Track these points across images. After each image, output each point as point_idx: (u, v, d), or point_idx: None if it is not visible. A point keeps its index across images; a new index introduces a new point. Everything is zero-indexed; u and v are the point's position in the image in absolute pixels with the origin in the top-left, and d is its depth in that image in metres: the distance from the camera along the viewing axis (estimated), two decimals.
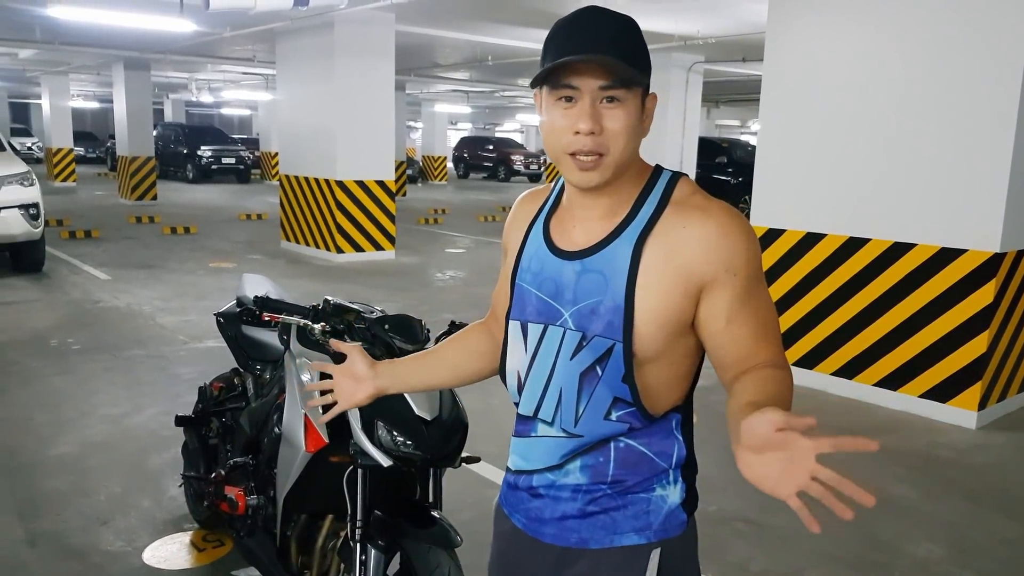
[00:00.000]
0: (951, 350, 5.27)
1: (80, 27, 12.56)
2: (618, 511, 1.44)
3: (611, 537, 1.44)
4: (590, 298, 1.39)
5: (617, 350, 1.37)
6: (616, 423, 1.40)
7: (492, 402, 5.31)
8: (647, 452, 1.44)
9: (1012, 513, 4.09)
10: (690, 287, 1.35)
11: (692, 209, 1.38)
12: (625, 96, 1.34)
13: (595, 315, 1.38)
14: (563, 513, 1.47)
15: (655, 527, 1.45)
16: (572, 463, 1.45)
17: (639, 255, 1.37)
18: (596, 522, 1.45)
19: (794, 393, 1.42)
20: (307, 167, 11.83)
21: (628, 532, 1.44)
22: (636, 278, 1.36)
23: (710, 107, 26.93)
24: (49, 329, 7.09)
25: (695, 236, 1.35)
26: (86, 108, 37.49)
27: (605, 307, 1.38)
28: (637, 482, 1.44)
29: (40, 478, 4.16)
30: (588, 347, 1.39)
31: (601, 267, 1.39)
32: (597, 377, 1.39)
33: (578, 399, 1.41)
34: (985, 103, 4.99)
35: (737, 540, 3.74)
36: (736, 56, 14.00)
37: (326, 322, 2.34)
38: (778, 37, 6.08)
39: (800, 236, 6.01)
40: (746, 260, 1.36)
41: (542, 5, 10.38)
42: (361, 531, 2.29)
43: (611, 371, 1.38)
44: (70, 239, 12.48)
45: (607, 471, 1.43)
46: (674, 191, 1.42)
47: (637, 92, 1.36)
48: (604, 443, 1.42)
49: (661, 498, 1.45)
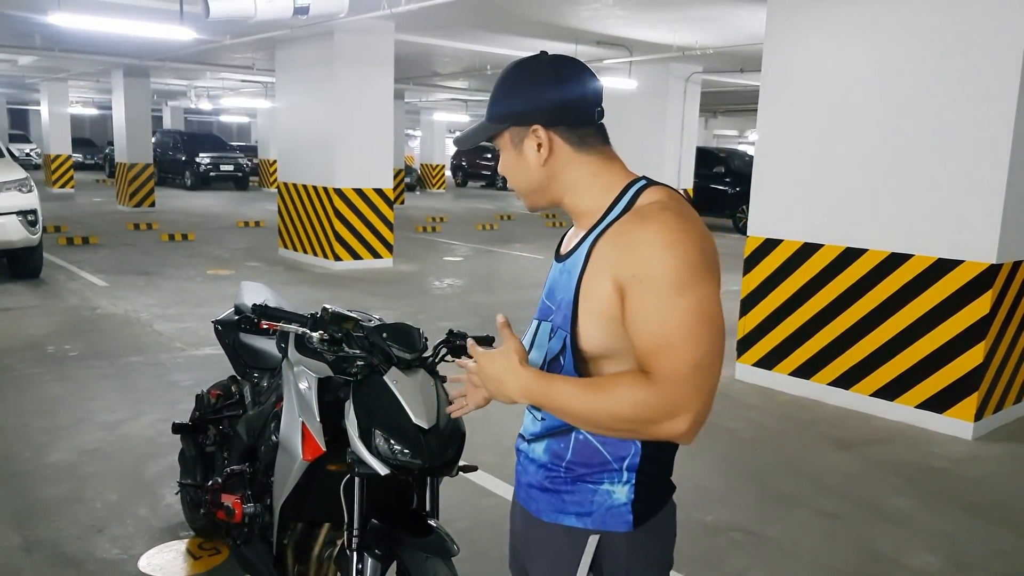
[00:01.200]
0: (948, 361, 5.27)
1: (80, 34, 12.59)
2: (567, 494, 1.58)
3: (557, 515, 1.59)
4: (560, 294, 1.56)
5: (568, 342, 1.52)
6: None
7: (490, 411, 5.30)
8: (602, 449, 1.54)
9: (1009, 524, 4.10)
10: (615, 287, 1.45)
11: (636, 216, 1.47)
12: (499, 143, 1.60)
13: (559, 310, 1.55)
14: (529, 482, 1.66)
15: (595, 516, 1.56)
16: (540, 443, 1.63)
17: (590, 255, 1.50)
18: (549, 498, 1.60)
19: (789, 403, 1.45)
20: (305, 175, 11.84)
21: (570, 514, 1.58)
22: (583, 277, 1.50)
23: (708, 117, 27.04)
24: (46, 336, 7.09)
25: (623, 241, 1.46)
26: (85, 115, 37.50)
27: (564, 302, 1.53)
28: (587, 472, 1.56)
29: (36, 485, 4.16)
30: (554, 338, 1.56)
31: (569, 267, 1.55)
32: (560, 367, 1.54)
33: None
34: (981, 114, 5.01)
35: (734, 550, 3.74)
36: (734, 66, 14.05)
37: (324, 330, 2.34)
38: (776, 48, 6.11)
39: (797, 246, 6.02)
40: (658, 269, 1.40)
41: (541, 15, 10.42)
42: (358, 540, 2.29)
43: (567, 362, 1.53)
44: (68, 245, 12.48)
45: (564, 456, 1.58)
46: (639, 198, 1.51)
47: (503, 137, 1.59)
48: (567, 432, 1.57)
49: (607, 492, 1.55)
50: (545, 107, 1.53)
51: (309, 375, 2.50)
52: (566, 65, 1.55)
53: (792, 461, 4.85)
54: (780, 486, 4.48)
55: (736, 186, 17.97)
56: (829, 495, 4.37)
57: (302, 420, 2.48)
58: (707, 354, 1.40)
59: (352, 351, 2.32)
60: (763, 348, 6.28)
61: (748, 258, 6.37)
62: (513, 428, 1.62)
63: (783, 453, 4.98)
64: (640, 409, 1.39)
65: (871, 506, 4.25)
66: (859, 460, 4.90)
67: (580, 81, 1.55)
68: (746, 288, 6.42)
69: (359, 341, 2.34)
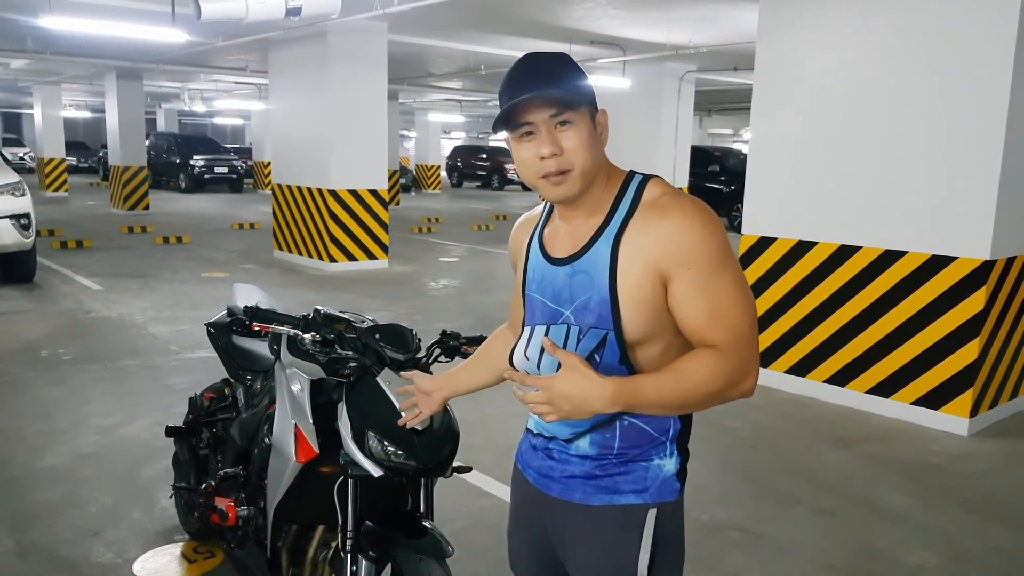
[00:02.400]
0: (943, 357, 5.28)
1: (72, 37, 12.55)
2: (620, 476, 1.64)
3: (611, 497, 1.64)
4: (582, 295, 1.60)
5: (610, 338, 1.57)
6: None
7: (486, 412, 5.30)
8: (647, 428, 1.63)
9: (1005, 520, 4.10)
10: (656, 277, 1.54)
11: (655, 209, 1.57)
12: (573, 117, 1.55)
13: (587, 310, 1.59)
14: (571, 474, 1.68)
15: (651, 490, 1.64)
16: (582, 439, 1.66)
17: (616, 253, 1.57)
18: (599, 483, 1.65)
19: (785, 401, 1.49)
20: (300, 176, 11.82)
21: (627, 493, 1.64)
22: (616, 274, 1.56)
23: (702, 116, 27.05)
24: (40, 339, 7.06)
25: (655, 234, 1.54)
26: (78, 118, 37.43)
27: (594, 302, 1.58)
28: (638, 453, 1.64)
29: (31, 489, 4.14)
30: (586, 338, 1.59)
31: (587, 268, 1.60)
32: (597, 363, 1.57)
33: None
34: (974, 111, 5.01)
35: (731, 549, 3.73)
36: (728, 65, 14.06)
37: (316, 332, 2.33)
38: (769, 46, 6.11)
39: (791, 244, 6.03)
40: (698, 253, 1.52)
41: (534, 15, 10.42)
42: (352, 542, 2.28)
43: (608, 356, 1.58)
44: (62, 249, 12.44)
45: (613, 444, 1.64)
46: (644, 192, 1.61)
47: (584, 111, 1.56)
48: (611, 421, 1.62)
49: (658, 467, 1.65)
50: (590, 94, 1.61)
51: (302, 377, 2.49)
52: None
53: (789, 459, 4.85)
54: (777, 484, 4.47)
55: (731, 185, 18.00)
56: (826, 493, 4.37)
57: (295, 422, 2.47)
58: (754, 315, 1.58)
59: (345, 352, 2.31)
60: (758, 346, 6.26)
61: (743, 256, 6.37)
62: (508, 428, 1.62)
63: (780, 451, 4.98)
64: (723, 378, 1.51)
65: (868, 503, 4.25)
66: (855, 457, 4.90)
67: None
68: None
69: (352, 342, 2.33)
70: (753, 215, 6.32)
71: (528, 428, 1.83)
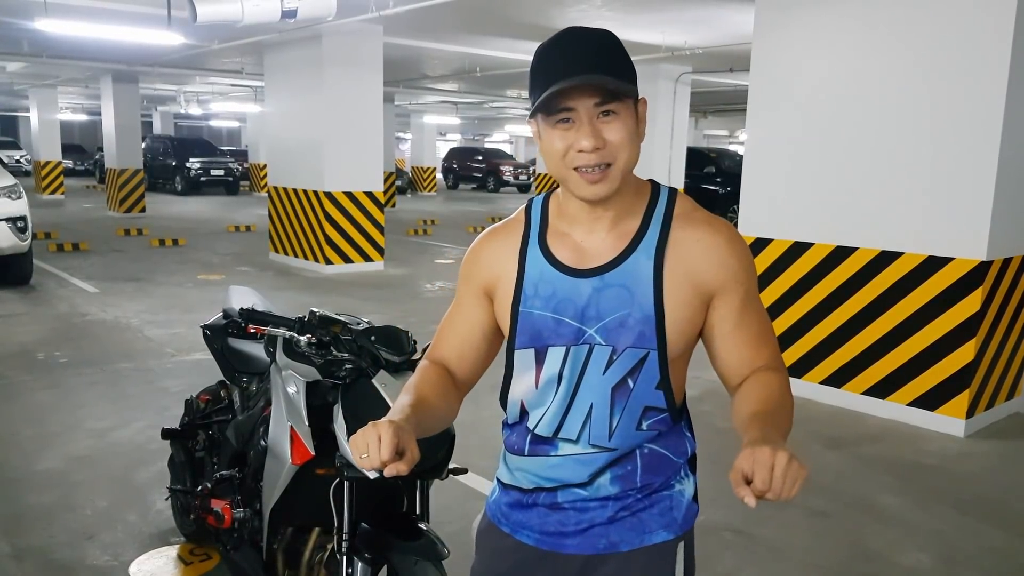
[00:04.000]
0: (939, 358, 5.29)
1: (68, 40, 12.53)
2: (645, 511, 1.51)
3: (641, 537, 1.51)
4: (616, 312, 1.43)
5: (651, 358, 1.44)
6: (647, 431, 1.48)
7: (481, 414, 5.29)
8: (668, 454, 1.52)
9: (1000, 522, 4.10)
10: (704, 295, 1.46)
11: (701, 223, 1.48)
12: (620, 108, 1.38)
13: (624, 328, 1.43)
14: (590, 522, 1.51)
15: (679, 521, 1.54)
16: (602, 476, 1.49)
17: (661, 267, 1.44)
18: (625, 525, 1.50)
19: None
20: (296, 178, 11.81)
21: (657, 530, 1.51)
22: (663, 289, 1.43)
23: (698, 117, 27.05)
24: (36, 342, 7.05)
25: (707, 249, 1.46)
26: (74, 121, 37.38)
27: (634, 319, 1.43)
28: (661, 482, 1.52)
29: (26, 493, 4.13)
30: (619, 360, 1.44)
31: (623, 281, 1.44)
32: (629, 389, 1.45)
33: (611, 413, 1.46)
34: (971, 112, 5.02)
35: (726, 551, 3.73)
36: (723, 67, 14.06)
37: (312, 334, 2.33)
38: (764, 48, 6.12)
39: (788, 245, 6.03)
40: (748, 272, 1.49)
41: (529, 17, 10.43)
42: (348, 544, 2.28)
43: (644, 380, 1.44)
44: (58, 252, 12.42)
45: (636, 478, 1.50)
46: (675, 206, 1.50)
47: (629, 102, 1.40)
48: (631, 453, 1.49)
49: (680, 492, 1.55)
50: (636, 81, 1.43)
51: (297, 379, 2.49)
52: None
53: None
54: None
55: (727, 186, 18.00)
56: (820, 494, 4.37)
57: (290, 424, 2.47)
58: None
59: (340, 355, 2.32)
60: None
61: None
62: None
63: None
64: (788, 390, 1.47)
65: (862, 504, 4.25)
66: (850, 458, 4.91)
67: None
68: None
69: (347, 344, 2.34)
70: (749, 216, 6.33)
71: (505, 483, 1.59)
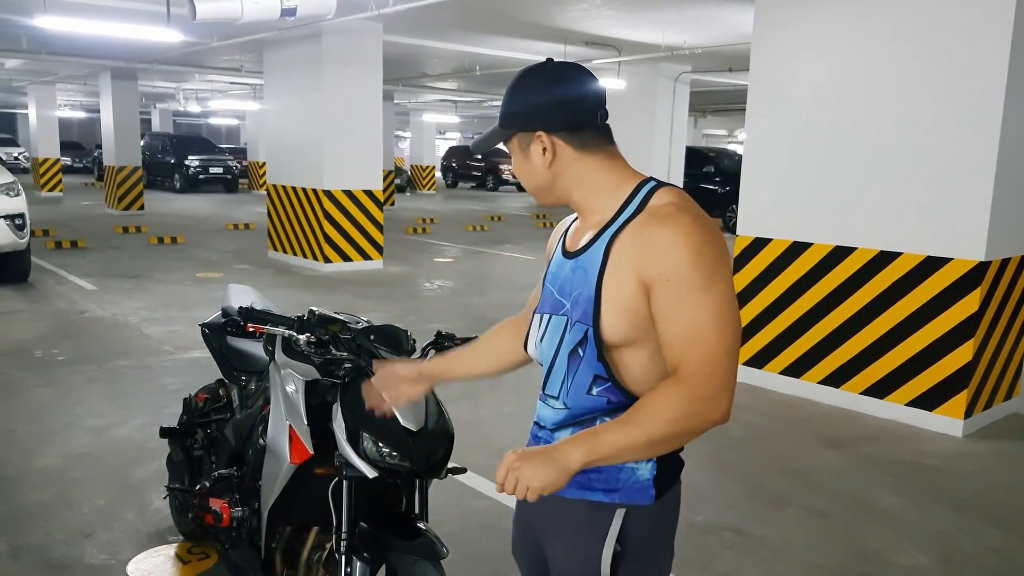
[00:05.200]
0: (937, 358, 5.29)
1: (67, 37, 12.51)
2: (593, 473, 1.64)
3: (583, 492, 1.66)
4: (576, 289, 1.64)
5: (590, 334, 1.60)
6: (597, 398, 1.63)
7: (480, 413, 5.30)
8: None
9: (998, 522, 4.10)
10: (638, 284, 1.55)
11: (654, 217, 1.57)
12: (511, 147, 1.71)
13: (577, 304, 1.63)
14: None
15: (622, 491, 1.65)
16: (564, 431, 1.68)
17: (608, 252, 1.59)
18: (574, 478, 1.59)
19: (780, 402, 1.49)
20: (295, 177, 11.80)
21: (597, 490, 1.66)
22: (604, 272, 1.58)
23: (697, 117, 27.07)
24: (34, 340, 7.04)
25: (645, 241, 1.55)
26: (73, 118, 37.29)
27: (583, 297, 1.62)
28: None
29: (23, 491, 4.12)
30: (571, 331, 1.64)
31: (584, 263, 1.64)
32: (580, 357, 1.63)
33: (566, 375, 1.66)
34: (969, 112, 5.02)
35: (724, 551, 3.73)
36: (722, 66, 14.07)
37: (311, 333, 2.33)
38: (763, 48, 6.12)
39: (786, 245, 6.03)
40: (680, 269, 1.50)
41: (529, 16, 10.42)
42: (346, 543, 2.28)
43: (589, 352, 1.61)
44: (56, 249, 12.41)
45: None
46: (651, 199, 1.61)
47: (512, 142, 1.69)
48: (591, 419, 1.64)
49: (631, 470, 1.65)
50: (546, 113, 1.63)
51: (296, 378, 2.49)
52: (566, 71, 1.65)
53: (782, 460, 4.86)
54: (770, 485, 4.48)
55: (725, 185, 18.01)
56: (819, 494, 4.37)
57: (289, 423, 2.46)
58: (733, 340, 1.53)
59: (339, 353, 2.31)
60: (753, 347, 6.28)
61: (737, 257, 6.38)
62: (502, 429, 1.60)
63: (773, 452, 4.98)
64: (687, 404, 1.49)
65: (861, 504, 4.25)
66: (849, 458, 4.91)
67: (579, 86, 1.64)
68: (735, 287, 6.40)
69: (346, 343, 2.33)
70: (748, 216, 6.33)
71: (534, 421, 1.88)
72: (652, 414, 1.49)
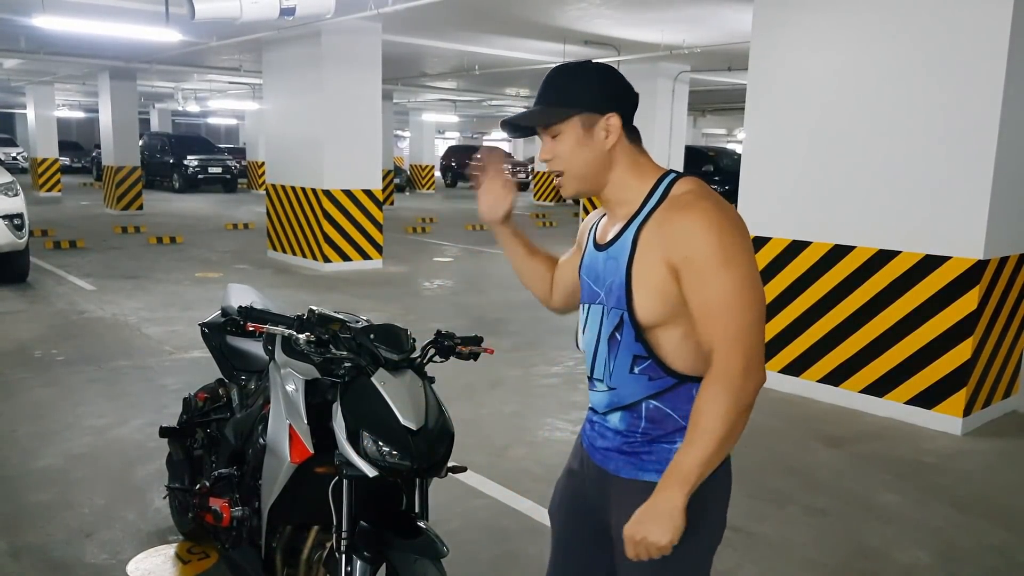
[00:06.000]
0: (936, 357, 5.29)
1: (65, 37, 12.52)
2: (644, 453, 1.79)
3: (636, 472, 1.80)
4: (610, 278, 1.77)
5: (625, 318, 1.73)
6: (639, 376, 1.75)
7: (480, 411, 5.30)
8: (672, 414, 1.76)
9: (998, 519, 4.11)
10: (667, 268, 1.67)
11: (676, 205, 1.69)
12: (561, 128, 1.76)
13: (611, 292, 1.76)
14: (607, 446, 1.86)
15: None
16: (614, 414, 1.82)
17: (636, 241, 1.72)
18: (628, 459, 1.81)
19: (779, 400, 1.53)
20: (294, 176, 11.80)
21: (650, 471, 1.78)
22: (633, 260, 1.71)
23: (696, 116, 27.06)
24: (33, 340, 7.04)
25: (669, 228, 1.67)
26: (71, 118, 37.28)
27: (616, 284, 1.75)
28: (662, 435, 1.77)
29: (24, 491, 4.13)
30: (608, 317, 1.78)
31: (616, 253, 1.77)
32: (619, 341, 1.76)
33: (608, 358, 1.80)
34: (967, 110, 5.03)
35: (725, 548, 3.73)
36: (722, 65, 14.08)
37: (311, 332, 2.33)
38: (762, 47, 6.12)
39: (786, 244, 6.04)
40: (705, 250, 1.62)
41: (528, 15, 10.42)
42: (347, 542, 2.28)
43: (627, 335, 1.74)
44: (55, 249, 12.41)
45: (639, 425, 1.79)
46: (673, 189, 1.74)
47: (573, 121, 1.74)
48: (637, 404, 1.78)
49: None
50: (617, 100, 1.76)
51: (296, 377, 2.49)
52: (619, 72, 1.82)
53: (782, 458, 4.86)
54: (770, 483, 4.48)
55: (725, 184, 17.97)
56: (819, 491, 4.38)
57: (289, 422, 2.46)
58: (757, 314, 1.65)
59: (339, 353, 2.31)
60: None
61: None
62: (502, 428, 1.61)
63: (773, 450, 4.99)
64: (728, 395, 1.62)
65: (861, 502, 4.26)
66: (849, 456, 4.91)
67: (631, 86, 1.82)
68: None
69: (346, 342, 2.33)
70: (747, 215, 6.29)
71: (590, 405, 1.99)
72: (707, 421, 1.63)
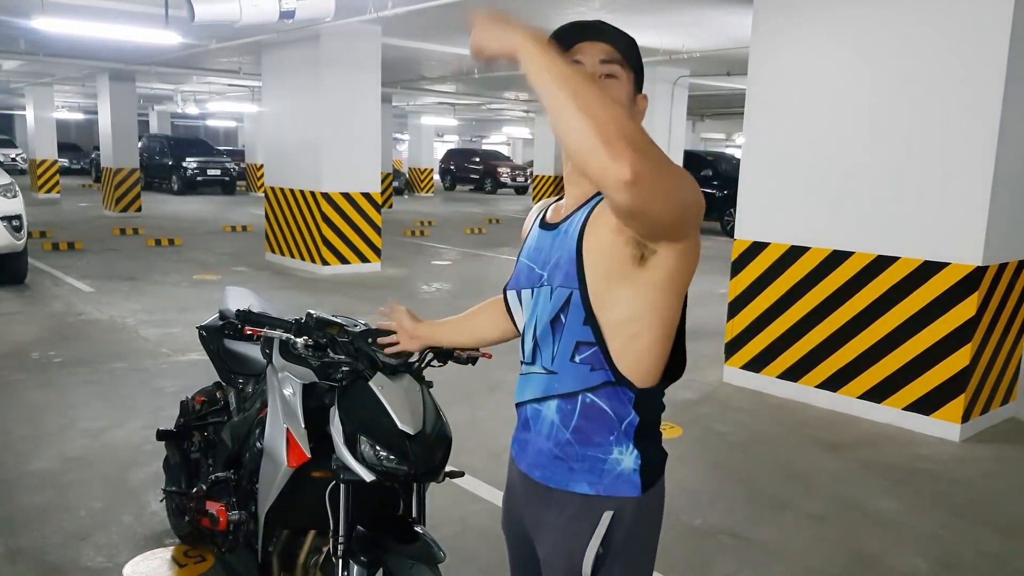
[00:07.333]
0: (935, 363, 5.29)
1: (65, 39, 12.50)
2: (576, 461, 1.65)
3: (567, 482, 1.66)
4: (557, 254, 1.65)
5: (575, 297, 1.59)
6: (580, 365, 1.62)
7: (477, 415, 5.30)
8: (606, 409, 1.63)
9: (996, 526, 4.11)
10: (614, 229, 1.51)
11: None
12: (620, 73, 1.64)
13: (558, 268, 1.63)
14: (538, 448, 1.72)
15: (605, 483, 1.64)
16: (551, 400, 1.68)
17: (589, 216, 1.60)
18: (559, 466, 1.67)
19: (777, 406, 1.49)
20: (293, 179, 11.80)
21: (581, 481, 1.65)
22: (584, 230, 1.59)
23: (695, 121, 27.10)
24: (31, 342, 7.03)
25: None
26: (70, 119, 37.28)
27: (564, 259, 1.61)
28: (594, 441, 1.64)
29: (19, 493, 4.12)
30: (554, 297, 1.63)
31: (566, 227, 1.65)
32: (562, 324, 1.63)
33: (552, 341, 1.66)
34: (966, 116, 5.03)
35: (722, 554, 3.73)
36: (721, 70, 14.09)
37: (309, 336, 2.32)
38: (761, 52, 6.13)
39: (784, 249, 6.03)
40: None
41: (527, 19, 10.37)
42: (343, 547, 2.27)
43: (572, 316, 1.61)
44: (53, 251, 12.39)
45: (573, 417, 1.65)
46: None
47: (630, 76, 1.65)
48: (575, 395, 1.64)
49: (615, 461, 1.65)
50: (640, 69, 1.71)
51: (294, 381, 2.48)
52: None
53: (780, 464, 4.86)
54: (768, 489, 4.48)
55: (723, 189, 18.01)
56: (817, 497, 4.37)
57: (287, 426, 2.46)
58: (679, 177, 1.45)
59: (337, 356, 2.31)
60: (751, 351, 6.28)
61: (735, 261, 6.38)
62: (500, 432, 1.62)
63: (771, 456, 4.98)
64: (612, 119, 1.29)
65: (859, 508, 4.25)
66: (847, 462, 4.91)
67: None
68: (733, 291, 6.42)
69: (344, 346, 2.32)
70: (746, 220, 6.33)
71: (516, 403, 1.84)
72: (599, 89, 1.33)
